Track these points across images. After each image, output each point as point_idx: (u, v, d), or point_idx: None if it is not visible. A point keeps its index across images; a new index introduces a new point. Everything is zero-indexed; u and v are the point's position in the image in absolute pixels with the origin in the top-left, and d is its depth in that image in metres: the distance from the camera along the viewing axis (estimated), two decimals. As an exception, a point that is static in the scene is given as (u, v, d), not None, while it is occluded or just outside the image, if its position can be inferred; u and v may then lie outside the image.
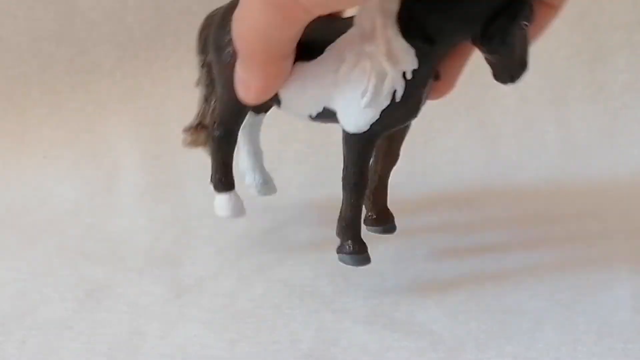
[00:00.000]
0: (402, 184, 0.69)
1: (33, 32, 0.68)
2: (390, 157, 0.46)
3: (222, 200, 0.48)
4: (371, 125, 0.39)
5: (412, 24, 0.36)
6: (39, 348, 0.40)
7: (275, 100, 0.43)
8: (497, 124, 0.70)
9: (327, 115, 0.41)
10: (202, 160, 0.52)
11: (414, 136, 0.75)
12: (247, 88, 0.39)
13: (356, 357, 0.39)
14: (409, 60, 0.37)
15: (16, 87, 0.69)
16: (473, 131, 0.76)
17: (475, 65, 0.41)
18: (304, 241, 0.56)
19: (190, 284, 0.48)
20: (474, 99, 0.70)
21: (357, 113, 0.39)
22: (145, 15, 0.69)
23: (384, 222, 0.47)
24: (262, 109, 0.51)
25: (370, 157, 0.41)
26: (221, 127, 0.47)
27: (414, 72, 0.37)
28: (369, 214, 0.47)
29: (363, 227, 0.44)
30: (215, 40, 0.45)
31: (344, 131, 0.40)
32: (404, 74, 0.37)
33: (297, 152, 0.67)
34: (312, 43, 0.39)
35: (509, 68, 0.39)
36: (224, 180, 0.48)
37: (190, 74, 0.52)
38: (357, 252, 0.42)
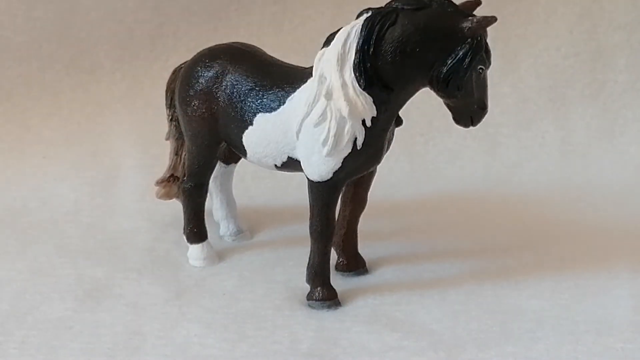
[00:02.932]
0: (402, 184, 0.69)
1: (33, 32, 0.68)
2: (358, 203, 0.46)
3: (195, 251, 0.49)
4: (334, 173, 0.40)
5: (369, 73, 0.37)
6: (39, 348, 0.40)
7: (239, 150, 0.44)
8: (497, 124, 0.70)
9: (292, 164, 0.42)
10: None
11: (414, 136, 0.76)
12: None
13: (356, 357, 0.39)
14: (367, 109, 0.38)
15: (16, 87, 0.69)
16: (473, 131, 0.76)
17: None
18: (304, 241, 0.56)
19: (190, 284, 0.48)
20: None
21: (320, 162, 0.40)
22: (145, 15, 0.69)
23: (355, 267, 0.47)
24: (231, 159, 0.51)
25: (335, 204, 0.42)
26: (191, 180, 0.48)
27: (374, 119, 0.38)
28: (340, 260, 0.47)
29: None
30: (181, 94, 0.46)
31: (308, 180, 0.41)
32: (363, 122, 0.38)
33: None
34: (273, 95, 0.41)
35: (468, 111, 0.39)
36: (196, 231, 0.49)
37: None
38: (327, 299, 0.43)
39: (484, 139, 0.72)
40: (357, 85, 0.38)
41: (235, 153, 0.46)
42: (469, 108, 0.39)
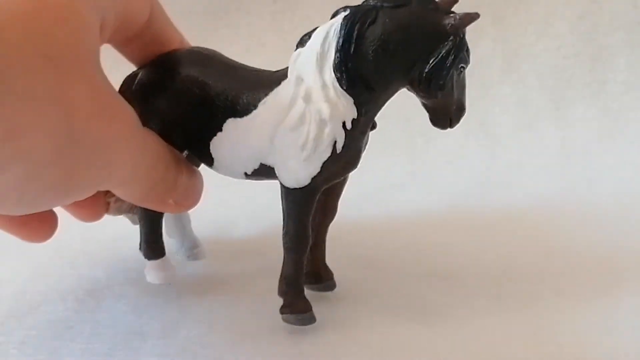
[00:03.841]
0: (402, 183, 0.69)
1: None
2: (328, 212, 0.44)
3: (152, 268, 0.45)
4: (312, 179, 0.38)
5: (349, 72, 0.36)
6: (39, 348, 0.40)
7: (205, 159, 0.41)
8: (497, 124, 0.70)
9: (264, 171, 0.39)
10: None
11: (414, 136, 0.76)
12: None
13: (357, 357, 0.39)
14: (348, 109, 0.36)
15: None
16: (473, 131, 0.76)
17: (476, 65, 0.41)
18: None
19: (191, 284, 0.48)
20: (474, 99, 0.70)
21: (297, 167, 0.37)
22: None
23: (323, 279, 0.45)
24: None
25: (311, 212, 0.40)
26: None
27: (354, 121, 0.37)
28: (307, 271, 0.44)
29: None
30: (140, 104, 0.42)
31: (283, 187, 0.39)
32: (343, 124, 0.37)
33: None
34: (243, 98, 0.38)
35: (447, 112, 0.38)
36: (154, 246, 0.45)
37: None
38: (302, 312, 0.41)
39: (484, 139, 0.72)
40: (337, 85, 0.36)
41: (194, 162, 0.42)
42: (448, 109, 0.38)
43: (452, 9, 0.36)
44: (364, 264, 0.51)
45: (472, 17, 0.35)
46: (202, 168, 0.43)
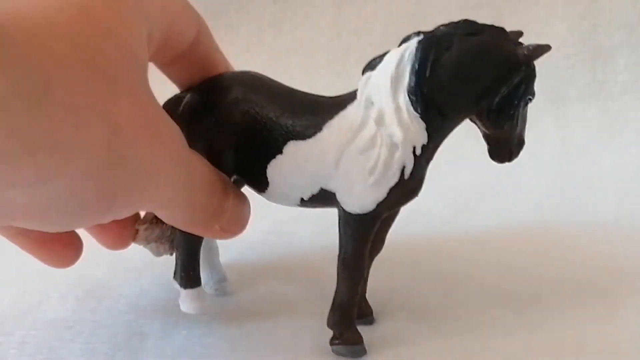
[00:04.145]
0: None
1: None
2: (377, 243, 0.42)
3: (189, 297, 0.42)
4: (377, 205, 0.37)
5: (424, 96, 0.35)
6: (39, 348, 0.40)
7: (258, 184, 0.39)
8: (497, 124, 0.70)
9: (322, 197, 0.38)
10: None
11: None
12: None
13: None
14: (420, 135, 0.36)
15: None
16: (473, 131, 0.76)
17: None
18: (305, 241, 0.56)
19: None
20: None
21: (363, 192, 0.36)
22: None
23: (363, 314, 0.43)
24: None
25: (371, 239, 0.38)
26: None
27: (423, 147, 0.36)
28: None
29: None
30: (188, 125, 0.40)
31: (344, 213, 0.38)
32: (413, 150, 0.36)
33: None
34: (304, 121, 0.37)
35: (508, 144, 0.38)
36: (192, 275, 0.42)
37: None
38: (354, 343, 0.39)
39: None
40: (412, 109, 0.35)
41: (239, 185, 0.40)
42: (510, 141, 0.38)
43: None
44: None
45: (544, 49, 0.35)
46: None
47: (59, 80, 0.26)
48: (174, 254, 0.43)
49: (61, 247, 0.38)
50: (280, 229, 0.39)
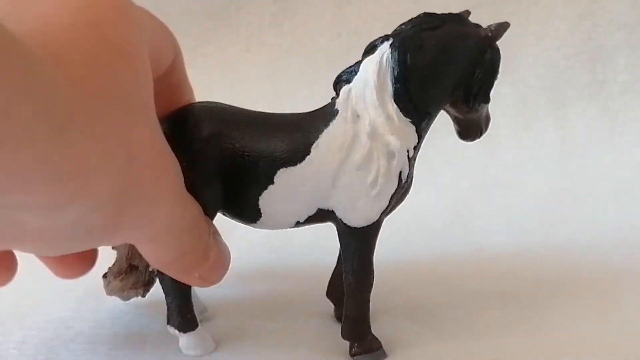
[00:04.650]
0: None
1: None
2: None
3: (191, 340, 0.40)
4: (381, 214, 0.37)
5: (412, 100, 0.36)
6: (39, 348, 0.40)
7: (247, 216, 0.38)
8: (497, 124, 0.70)
9: (318, 217, 0.38)
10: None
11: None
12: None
13: (356, 358, 0.39)
14: (412, 138, 0.36)
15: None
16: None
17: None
18: (305, 241, 0.56)
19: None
20: (474, 99, 0.70)
21: (367, 205, 0.36)
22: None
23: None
24: None
25: (375, 247, 0.38)
26: None
27: (414, 148, 0.37)
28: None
29: (331, 326, 0.42)
30: None
31: (348, 228, 0.37)
32: (407, 153, 0.36)
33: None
34: (290, 145, 0.36)
35: (479, 123, 0.38)
36: (189, 317, 0.40)
37: (190, 73, 0.52)
38: (374, 349, 0.39)
39: (484, 139, 0.72)
40: (401, 115, 0.36)
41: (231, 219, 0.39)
42: (480, 119, 0.38)
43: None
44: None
45: (504, 26, 0.36)
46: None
47: (81, 107, 0.25)
48: (146, 296, 0.43)
49: (77, 260, 0.37)
50: (280, 229, 0.39)
